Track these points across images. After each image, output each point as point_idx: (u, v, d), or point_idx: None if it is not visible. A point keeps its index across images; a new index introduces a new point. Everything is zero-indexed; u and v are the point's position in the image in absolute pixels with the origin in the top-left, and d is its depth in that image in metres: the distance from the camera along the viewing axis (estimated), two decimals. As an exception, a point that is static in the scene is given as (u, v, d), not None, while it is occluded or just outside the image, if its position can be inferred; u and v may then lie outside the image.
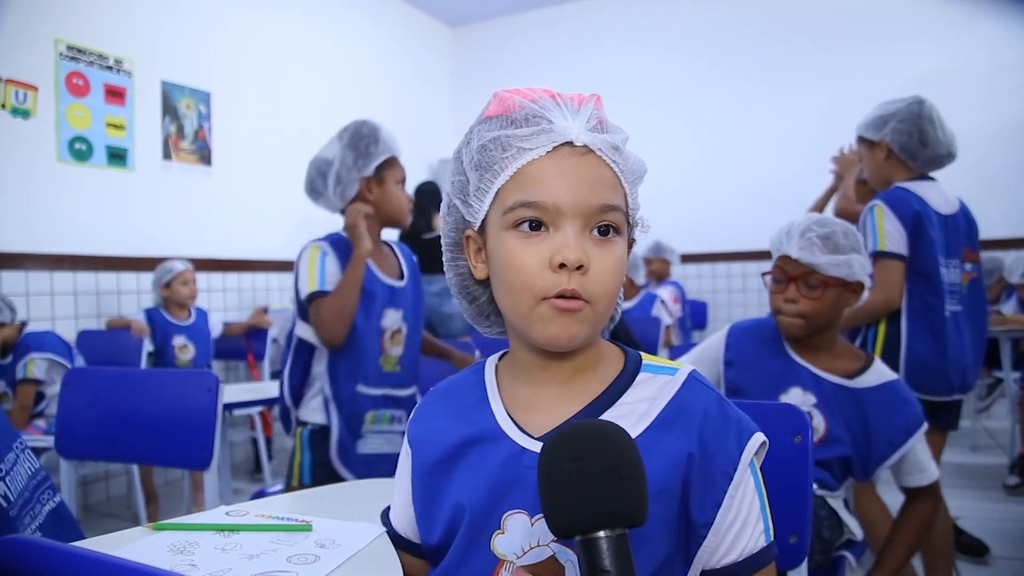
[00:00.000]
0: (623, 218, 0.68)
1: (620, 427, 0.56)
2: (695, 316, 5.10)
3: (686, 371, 0.72)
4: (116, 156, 3.60)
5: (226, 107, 4.18)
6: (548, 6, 5.85)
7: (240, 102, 4.26)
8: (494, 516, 0.68)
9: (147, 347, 3.26)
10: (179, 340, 3.40)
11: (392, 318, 1.88)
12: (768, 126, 5.12)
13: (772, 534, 0.70)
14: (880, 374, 1.43)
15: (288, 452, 1.94)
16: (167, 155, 3.86)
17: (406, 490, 0.78)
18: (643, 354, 0.75)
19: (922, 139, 1.97)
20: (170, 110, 3.88)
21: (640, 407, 0.69)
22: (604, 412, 0.69)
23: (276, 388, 2.14)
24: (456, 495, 0.71)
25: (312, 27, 4.81)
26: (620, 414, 0.68)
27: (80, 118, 3.43)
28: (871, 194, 2.10)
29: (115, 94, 3.59)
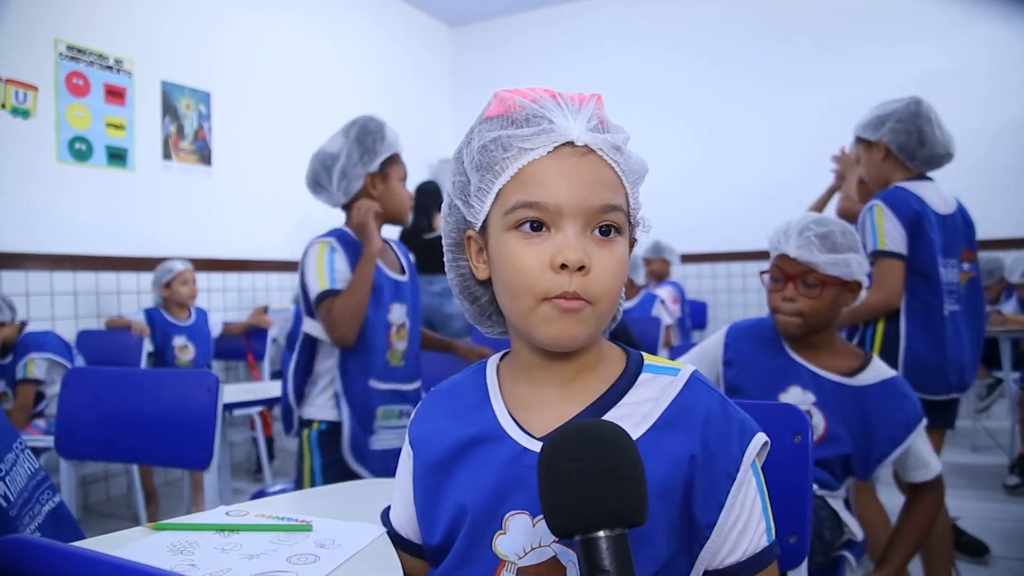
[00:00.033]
0: (624, 218, 0.68)
1: (620, 427, 0.56)
2: (695, 316, 5.10)
3: (688, 371, 0.71)
4: (116, 156, 3.60)
5: (226, 107, 4.18)
6: (548, 6, 5.85)
7: (240, 102, 4.26)
8: (496, 516, 0.68)
9: (147, 347, 3.26)
10: (179, 340, 3.40)
11: (398, 312, 1.87)
12: (768, 126, 5.12)
13: (774, 534, 0.70)
14: (879, 371, 1.44)
15: (290, 453, 1.93)
16: (167, 155, 3.86)
17: (407, 490, 0.78)
18: (645, 354, 0.75)
19: (920, 139, 1.97)
20: (170, 110, 3.88)
21: (643, 408, 0.69)
22: (606, 412, 0.68)
23: (276, 388, 2.14)
24: (458, 495, 0.71)
25: (312, 27, 4.82)
26: (622, 414, 0.68)
27: (80, 118, 3.43)
28: (872, 195, 2.09)
29: (115, 94, 3.59)
